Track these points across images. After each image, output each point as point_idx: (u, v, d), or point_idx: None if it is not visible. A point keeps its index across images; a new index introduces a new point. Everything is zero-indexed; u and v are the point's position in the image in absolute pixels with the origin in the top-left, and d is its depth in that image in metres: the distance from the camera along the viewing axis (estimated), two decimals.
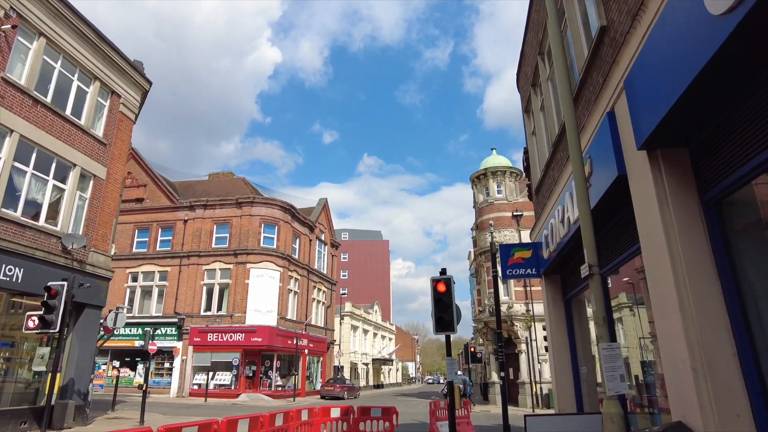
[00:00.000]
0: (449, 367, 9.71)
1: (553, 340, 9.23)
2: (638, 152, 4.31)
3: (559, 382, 8.93)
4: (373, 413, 10.01)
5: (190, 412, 20.35)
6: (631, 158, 4.57)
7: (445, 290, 9.84)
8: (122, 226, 34.36)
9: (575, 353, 8.94)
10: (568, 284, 9.19)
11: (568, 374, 8.86)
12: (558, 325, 9.24)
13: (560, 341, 9.12)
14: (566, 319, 9.24)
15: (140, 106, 18.62)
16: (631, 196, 4.64)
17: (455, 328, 9.59)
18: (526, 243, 10.23)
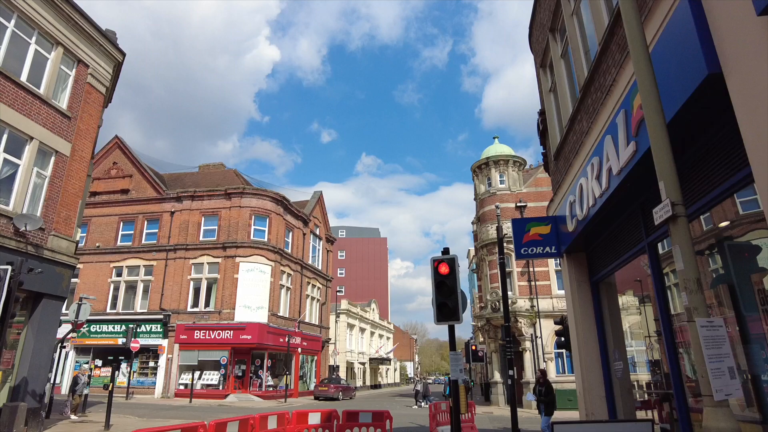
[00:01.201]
0: (453, 363, 8.16)
1: (577, 331, 7.69)
2: (750, 26, 2.78)
3: (585, 380, 7.39)
4: (362, 418, 8.41)
5: (171, 414, 18.78)
6: (733, 43, 3.03)
7: (448, 272, 8.28)
8: (106, 219, 32.87)
9: (605, 346, 7.41)
10: (597, 263, 7.66)
11: (597, 371, 7.33)
12: (584, 313, 7.70)
13: (587, 332, 7.59)
14: (594, 306, 7.71)
15: (114, 81, 17.05)
16: (733, 100, 3.10)
17: (460, 317, 8.04)
18: (543, 217, 8.70)
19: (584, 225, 6.64)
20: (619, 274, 7.23)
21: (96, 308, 31.01)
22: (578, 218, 6.82)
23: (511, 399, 12.80)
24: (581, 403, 7.55)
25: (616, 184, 5.14)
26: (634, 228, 5.92)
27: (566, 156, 7.89)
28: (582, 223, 6.70)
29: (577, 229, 7.04)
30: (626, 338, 7.19)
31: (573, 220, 7.13)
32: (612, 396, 7.12)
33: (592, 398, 7.24)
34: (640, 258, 6.14)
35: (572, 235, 7.47)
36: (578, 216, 6.79)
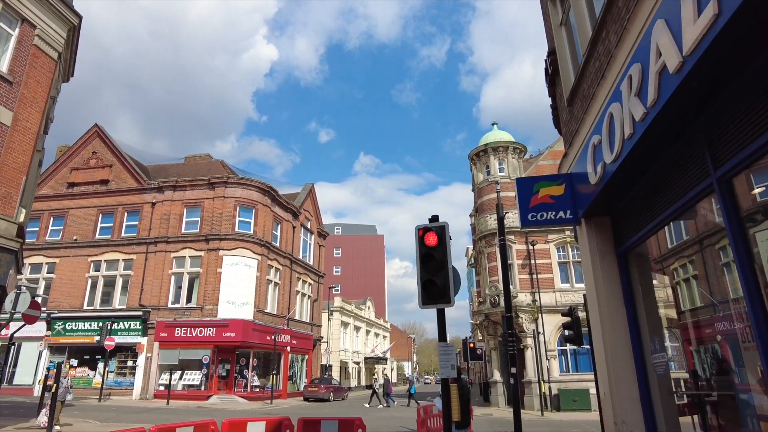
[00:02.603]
0: (443, 356, 6.48)
1: (601, 316, 6.00)
2: None
3: (612, 378, 5.71)
4: (324, 429, 6.65)
5: (136, 418, 17.06)
6: None
7: (436, 243, 6.62)
8: (85, 211, 31.21)
9: (638, 334, 5.72)
10: (625, 228, 5.98)
11: (628, 366, 5.65)
12: (610, 293, 6.02)
13: (614, 316, 5.90)
14: (622, 283, 6.02)
15: (71, 49, 15.36)
16: None
17: (451, 299, 6.37)
18: (555, 175, 7.02)
19: (614, 171, 4.96)
20: (654, 240, 5.57)
21: (72, 305, 29.38)
22: (606, 162, 5.14)
23: (513, 400, 11.15)
24: (606, 408, 5.86)
25: (675, 86, 3.47)
26: (689, 162, 4.24)
27: (584, 94, 6.21)
28: (611, 168, 5.02)
29: (602, 180, 5.36)
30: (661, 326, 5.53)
31: (597, 168, 5.44)
32: (648, 398, 5.44)
33: (621, 401, 5.56)
34: (692, 211, 4.49)
35: (594, 191, 5.79)
36: (606, 159, 5.11)
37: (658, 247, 5.50)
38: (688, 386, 5.28)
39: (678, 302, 5.35)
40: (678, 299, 5.33)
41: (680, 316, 5.34)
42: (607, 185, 5.39)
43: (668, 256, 5.43)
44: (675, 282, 5.43)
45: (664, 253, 5.48)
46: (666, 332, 5.59)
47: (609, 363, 5.77)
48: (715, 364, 4.83)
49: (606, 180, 5.29)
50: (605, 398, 5.91)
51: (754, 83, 3.23)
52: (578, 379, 23.85)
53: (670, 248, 5.30)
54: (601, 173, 5.37)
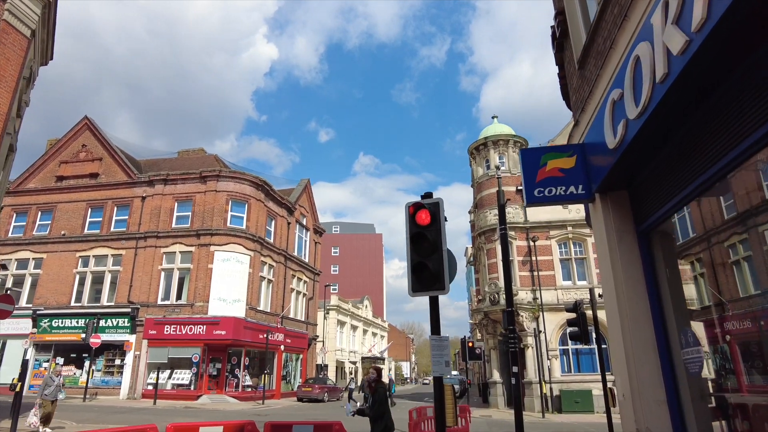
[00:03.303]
0: (436, 352, 5.63)
1: (620, 304, 5.17)
2: None
3: (634, 377, 4.87)
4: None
5: (118, 419, 16.22)
6: None
7: (429, 222, 5.78)
8: (73, 205, 30.37)
9: (663, 326, 4.89)
10: (647, 203, 5.14)
11: (652, 363, 4.82)
12: (629, 277, 5.18)
13: (635, 305, 5.07)
14: (644, 266, 5.18)
15: (48, 29, 14.53)
16: None
17: (446, 285, 5.53)
18: (564, 146, 6.18)
19: (639, 129, 4.12)
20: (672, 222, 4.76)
21: (59, 301, 28.55)
22: (629, 119, 4.31)
23: (515, 400, 10.31)
24: (626, 413, 5.02)
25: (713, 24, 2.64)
26: (739, 110, 3.41)
27: (599, 50, 5.37)
28: (635, 126, 4.19)
29: (623, 143, 4.52)
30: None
31: (617, 129, 4.60)
32: (677, 401, 4.60)
33: (645, 404, 4.72)
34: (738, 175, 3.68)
35: (610, 162, 4.96)
36: (629, 114, 4.27)
37: (702, 221, 4.66)
38: (721, 388, 4.46)
39: (713, 291, 4.52)
40: (716, 287, 4.49)
41: (715, 308, 4.51)
42: (629, 149, 4.55)
43: (702, 236, 4.61)
44: (707, 267, 4.61)
45: (697, 235, 4.65)
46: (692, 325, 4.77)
47: (630, 360, 4.93)
48: (760, 364, 4.01)
49: (627, 142, 4.45)
50: (624, 401, 5.06)
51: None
52: (580, 380, 23.03)
53: (708, 226, 4.47)
54: (622, 134, 4.52)
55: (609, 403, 11.54)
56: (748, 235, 3.99)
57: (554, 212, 25.80)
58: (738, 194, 3.97)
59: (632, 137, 4.35)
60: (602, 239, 5.59)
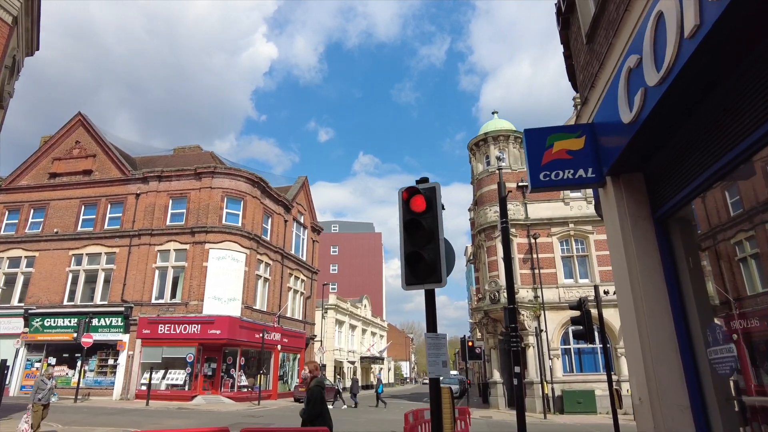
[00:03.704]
0: (432, 350, 5.12)
1: (635, 298, 4.66)
2: None
3: (652, 379, 4.36)
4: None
5: (105, 421, 15.71)
6: None
7: (425, 208, 5.27)
8: (66, 202, 29.86)
9: (684, 321, 4.38)
10: (665, 186, 4.65)
11: (674, 364, 4.31)
12: (646, 268, 4.68)
13: (652, 298, 4.57)
14: (662, 256, 4.68)
15: (31, 16, 14.02)
16: None
17: (443, 277, 5.03)
18: (573, 126, 5.68)
19: (661, 98, 3.62)
20: (704, 200, 4.26)
21: (51, 300, 28.06)
22: (648, 87, 3.81)
23: (517, 401, 9.81)
24: (643, 418, 4.51)
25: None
26: None
27: (610, 19, 4.86)
28: (656, 94, 3.69)
29: (640, 115, 4.03)
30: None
31: (634, 99, 4.10)
32: (702, 405, 4.09)
33: (665, 409, 4.22)
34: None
35: (623, 142, 4.47)
36: (649, 81, 3.77)
37: (717, 209, 4.16)
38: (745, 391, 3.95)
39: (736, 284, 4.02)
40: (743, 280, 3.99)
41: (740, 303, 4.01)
42: (647, 123, 4.05)
43: (728, 224, 4.11)
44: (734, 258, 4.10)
45: (720, 223, 4.14)
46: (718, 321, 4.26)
47: (647, 360, 4.42)
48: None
49: (646, 114, 3.95)
50: (641, 405, 4.55)
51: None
52: (583, 380, 22.55)
53: (736, 211, 3.97)
54: (639, 106, 4.02)
55: (615, 404, 11.05)
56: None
57: (555, 209, 25.31)
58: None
59: (651, 108, 3.85)
60: (615, 227, 5.09)
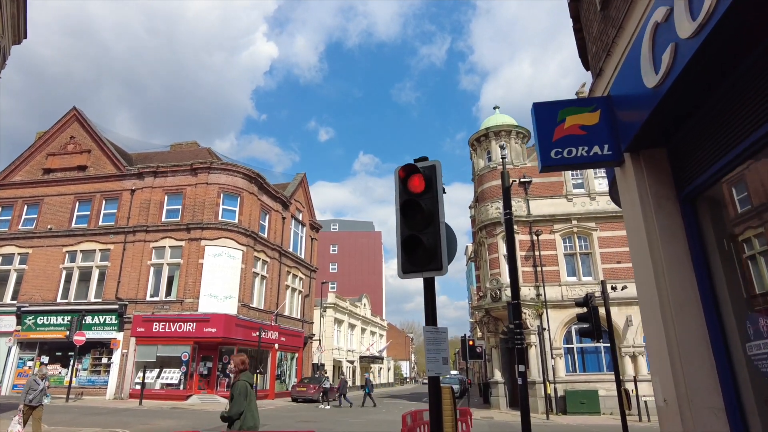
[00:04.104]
0: (431, 346, 4.61)
1: (659, 288, 4.15)
2: None
3: (681, 379, 3.85)
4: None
5: (92, 422, 15.21)
6: None
7: (423, 189, 4.76)
8: (61, 198, 29.40)
9: (715, 313, 3.87)
10: (692, 162, 4.14)
11: (705, 362, 3.81)
12: (671, 254, 4.17)
13: (678, 287, 4.06)
14: (690, 240, 4.17)
15: (17, 2, 13.50)
16: None
17: (444, 264, 4.52)
18: (586, 99, 5.17)
19: (699, 48, 3.12)
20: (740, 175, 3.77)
21: (44, 298, 27.58)
22: (680, 40, 3.30)
23: (521, 401, 9.32)
24: (670, 422, 4.00)
25: None
26: None
27: None
28: (690, 48, 3.18)
29: (669, 76, 3.51)
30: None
31: (663, 58, 3.58)
32: (739, 408, 3.59)
33: (696, 413, 3.71)
34: None
35: (649, 107, 3.94)
36: (681, 33, 3.26)
37: None
38: None
39: None
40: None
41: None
42: (676, 85, 3.53)
43: None
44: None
45: (760, 201, 3.63)
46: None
47: (674, 357, 3.90)
48: None
49: (677, 73, 3.43)
50: (666, 408, 4.04)
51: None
52: (585, 380, 22.04)
53: None
54: (668, 64, 3.50)
55: (624, 405, 10.54)
56: None
57: (558, 205, 24.81)
58: None
59: (683, 66, 3.34)
60: (634, 209, 4.58)
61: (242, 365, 6.43)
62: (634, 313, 22.29)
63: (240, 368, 6.39)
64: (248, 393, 6.13)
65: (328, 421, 18.09)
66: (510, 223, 9.73)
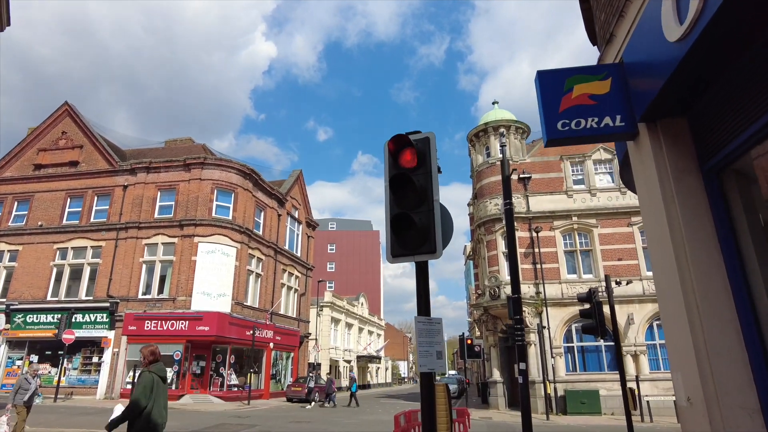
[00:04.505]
0: (423, 338, 4.13)
1: (681, 273, 3.66)
2: None
3: (708, 374, 3.37)
4: None
5: (80, 422, 14.69)
6: None
7: (416, 164, 4.28)
8: (52, 195, 28.85)
9: (748, 302, 3.39)
10: (718, 130, 3.65)
11: (736, 354, 3.34)
12: (695, 233, 3.70)
13: (704, 273, 3.58)
14: (716, 218, 3.69)
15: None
16: None
17: (437, 247, 4.03)
18: (596, 66, 4.69)
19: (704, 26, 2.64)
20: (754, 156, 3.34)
21: (34, 295, 27.04)
22: None
23: (523, 401, 8.85)
24: (695, 424, 3.52)
25: None
26: None
27: None
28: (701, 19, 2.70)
29: (699, 22, 3.02)
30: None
31: (689, 5, 3.10)
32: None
33: (727, 412, 3.24)
34: None
35: (670, 66, 3.45)
36: None
37: None
38: None
39: None
40: None
41: None
42: (705, 36, 3.04)
43: None
44: None
45: None
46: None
47: (701, 351, 3.42)
48: None
49: (707, 20, 2.94)
50: (690, 408, 3.55)
51: None
52: (586, 379, 21.58)
53: None
54: (697, 10, 3.01)
55: (630, 405, 10.07)
56: None
57: (558, 201, 24.35)
58: None
59: (716, 9, 2.85)
60: (651, 186, 4.09)
61: (152, 356, 5.80)
62: (635, 311, 21.86)
63: (150, 359, 5.77)
64: (154, 387, 5.51)
65: (321, 422, 17.60)
66: (510, 213, 9.25)
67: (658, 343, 21.67)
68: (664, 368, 21.35)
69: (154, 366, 5.71)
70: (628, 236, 23.12)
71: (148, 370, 5.64)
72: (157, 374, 5.61)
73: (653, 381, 20.81)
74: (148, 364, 5.74)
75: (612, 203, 23.80)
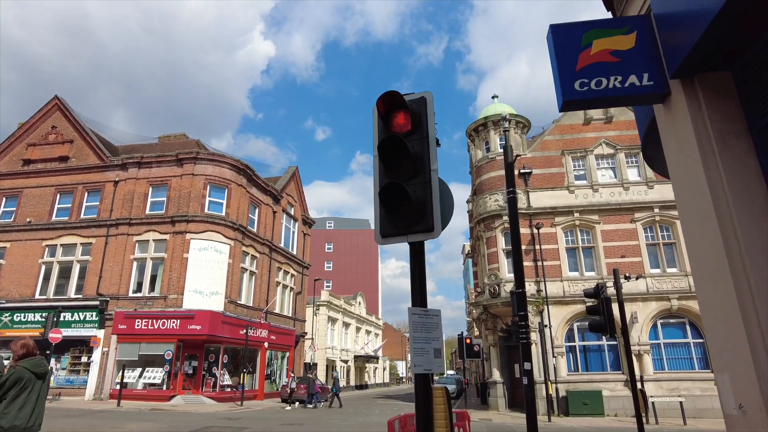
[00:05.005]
0: (418, 332, 3.49)
1: (730, 253, 3.04)
2: None
3: (766, 373, 2.73)
4: None
5: (62, 425, 14.02)
6: None
7: (410, 129, 3.64)
8: (41, 190, 28.17)
9: None
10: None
11: None
12: (745, 206, 3.07)
13: (758, 253, 2.95)
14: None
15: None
16: None
17: (435, 225, 3.41)
18: (617, 19, 4.08)
19: None
20: None
21: (22, 294, 26.34)
22: None
23: (527, 402, 8.26)
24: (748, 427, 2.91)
25: None
26: None
27: None
28: None
29: None
30: None
31: None
32: None
33: None
34: None
35: (714, 6, 2.82)
36: None
37: None
38: None
39: None
40: None
41: None
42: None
43: None
44: None
45: None
46: None
47: (758, 349, 2.80)
48: None
49: None
50: (744, 417, 2.92)
51: None
52: (589, 380, 20.98)
53: None
54: None
55: (640, 407, 9.47)
56: None
57: (559, 197, 23.74)
58: None
59: None
60: (689, 152, 3.46)
61: (23, 349, 5.15)
62: (639, 310, 21.27)
63: (20, 353, 5.11)
64: (18, 383, 4.83)
65: (315, 424, 16.96)
66: (514, 202, 8.63)
67: (662, 342, 21.09)
68: (669, 368, 20.78)
69: (26, 361, 5.03)
70: (632, 233, 22.52)
71: (14, 366, 4.94)
72: (30, 370, 4.93)
73: (657, 381, 20.23)
74: (18, 360, 5.06)
75: (614, 199, 23.21)
